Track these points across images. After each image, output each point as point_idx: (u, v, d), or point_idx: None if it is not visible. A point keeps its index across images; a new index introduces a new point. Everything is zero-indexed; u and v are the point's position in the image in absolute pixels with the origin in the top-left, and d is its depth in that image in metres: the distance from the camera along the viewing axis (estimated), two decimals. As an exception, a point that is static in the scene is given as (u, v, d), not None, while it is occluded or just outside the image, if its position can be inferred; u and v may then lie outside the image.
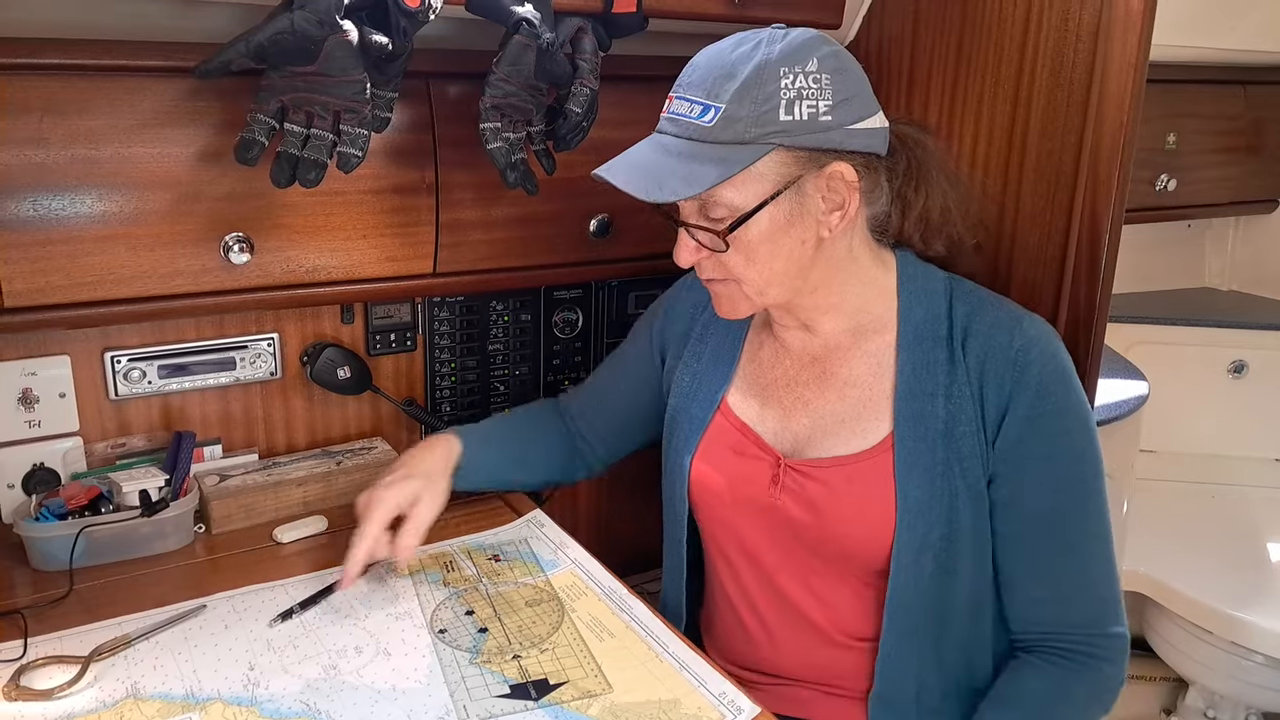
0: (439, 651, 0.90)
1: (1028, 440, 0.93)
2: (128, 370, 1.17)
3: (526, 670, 0.87)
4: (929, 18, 1.23)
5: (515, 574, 1.04)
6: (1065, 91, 1.06)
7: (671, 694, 0.84)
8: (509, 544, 1.11)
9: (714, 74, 0.89)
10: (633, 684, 0.85)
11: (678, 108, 0.91)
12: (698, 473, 1.06)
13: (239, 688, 0.83)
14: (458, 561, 1.07)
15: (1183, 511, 2.05)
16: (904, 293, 1.00)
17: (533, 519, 1.17)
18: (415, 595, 0.99)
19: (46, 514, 1.04)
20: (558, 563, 1.06)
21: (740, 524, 1.04)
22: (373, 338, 1.32)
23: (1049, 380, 0.92)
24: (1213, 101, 2.06)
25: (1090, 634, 0.96)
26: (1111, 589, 0.97)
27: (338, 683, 0.85)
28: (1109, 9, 1.01)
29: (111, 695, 0.82)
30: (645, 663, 0.88)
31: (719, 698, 0.83)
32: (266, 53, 0.94)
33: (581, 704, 0.82)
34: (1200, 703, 1.88)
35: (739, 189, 0.89)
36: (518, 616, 0.96)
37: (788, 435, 1.02)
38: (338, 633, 0.92)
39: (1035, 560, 0.96)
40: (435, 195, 1.20)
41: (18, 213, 0.98)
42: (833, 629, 1.01)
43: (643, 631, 0.93)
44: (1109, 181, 1.03)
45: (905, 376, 0.97)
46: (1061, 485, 0.94)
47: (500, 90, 1.08)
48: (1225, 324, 2.13)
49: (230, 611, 0.95)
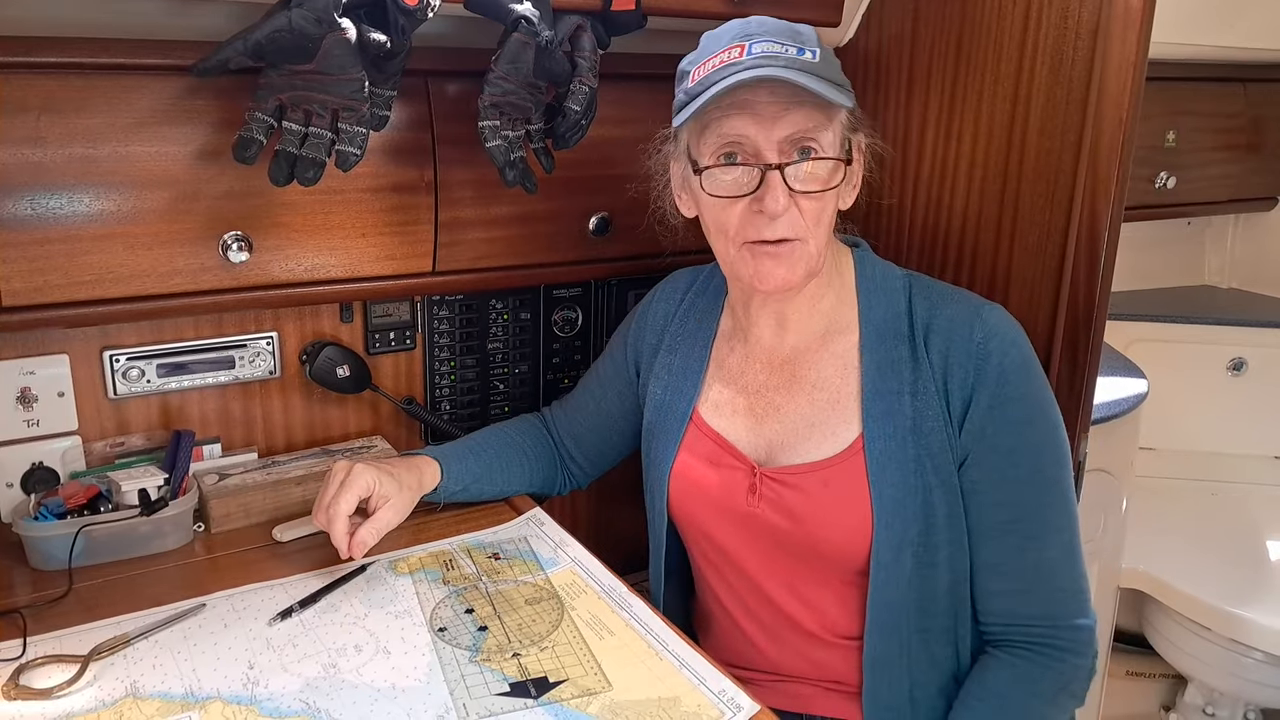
0: (439, 650, 0.90)
1: (990, 431, 0.93)
2: (126, 369, 1.17)
3: (526, 668, 0.87)
4: (928, 16, 1.23)
5: (515, 572, 1.04)
6: (1065, 89, 1.06)
7: (671, 691, 0.84)
8: (509, 542, 1.11)
9: (783, 29, 0.90)
10: (632, 682, 0.85)
11: (767, 48, 0.88)
12: (676, 486, 1.07)
13: (238, 686, 0.83)
14: (457, 560, 1.07)
15: (1182, 509, 2.05)
16: (863, 292, 1.01)
17: (532, 517, 1.17)
18: (415, 594, 0.99)
19: (45, 513, 1.04)
20: (557, 561, 1.06)
21: (721, 533, 1.05)
22: (372, 336, 1.32)
23: (1009, 369, 0.93)
24: (1212, 99, 2.06)
25: (1054, 626, 0.95)
26: (1074, 581, 0.96)
27: (337, 681, 0.85)
28: (1108, 7, 1.01)
29: (111, 694, 0.82)
30: (645, 660, 0.88)
31: (719, 695, 0.83)
32: (264, 51, 0.94)
33: (581, 702, 0.82)
34: (1199, 699, 1.88)
35: (833, 134, 0.92)
36: (517, 615, 0.96)
37: (761, 442, 1.02)
38: (337, 631, 0.92)
39: (996, 552, 0.96)
40: (434, 193, 1.20)
41: (15, 212, 0.98)
42: (821, 630, 1.02)
43: (642, 629, 0.93)
44: (1108, 179, 1.03)
45: (870, 376, 0.97)
46: (1022, 477, 0.94)
47: (499, 88, 1.07)
48: (1225, 321, 2.13)
49: (230, 610, 0.95)
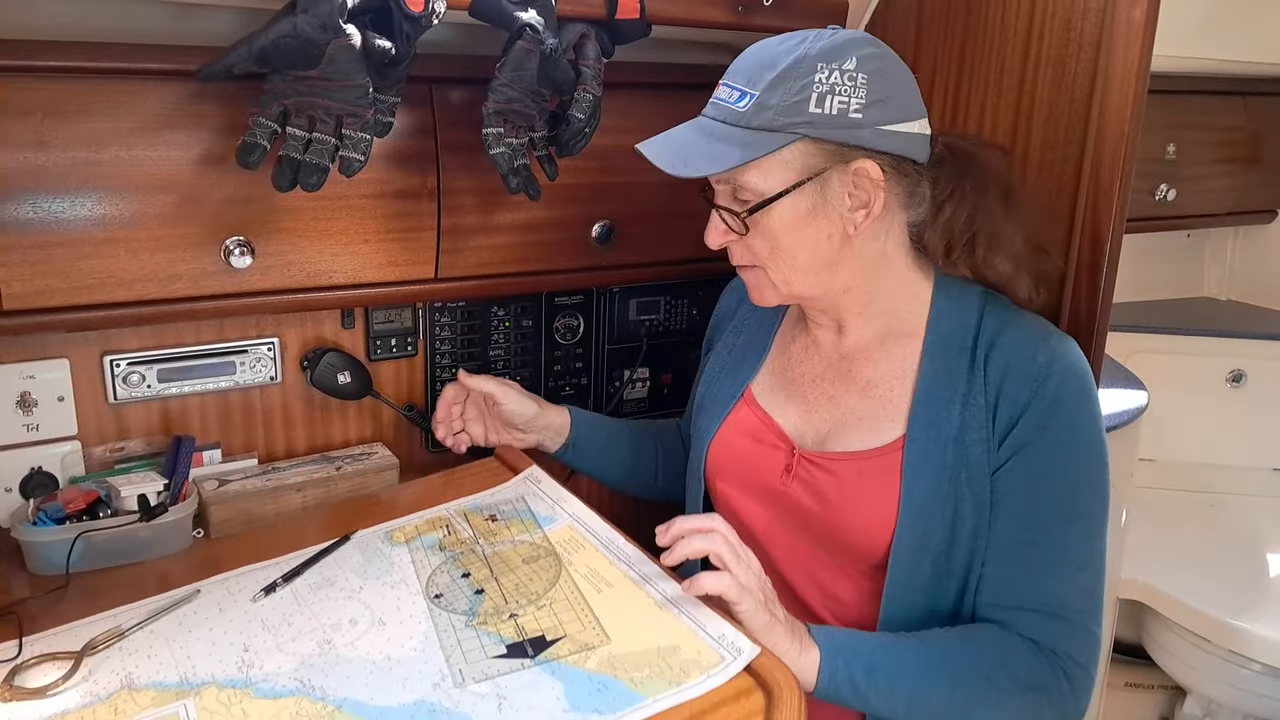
0: (434, 617, 0.88)
1: (1030, 449, 0.93)
2: (127, 374, 1.16)
3: (523, 628, 0.85)
4: (932, 27, 1.23)
5: (512, 532, 1.02)
6: (1067, 101, 1.07)
7: (671, 640, 0.82)
8: (505, 503, 1.09)
9: (758, 64, 0.93)
10: (631, 633, 0.83)
11: (721, 93, 0.95)
12: (714, 456, 1.09)
13: (233, 670, 0.82)
14: (454, 524, 1.05)
15: (1181, 520, 2.05)
16: (937, 302, 1.01)
17: (529, 475, 1.15)
18: (411, 562, 0.98)
19: (44, 518, 1.04)
20: (555, 518, 1.04)
21: (751, 509, 1.06)
22: (373, 343, 1.32)
23: (1065, 397, 0.92)
24: (1213, 112, 2.07)
25: (1053, 652, 0.93)
26: (1084, 619, 0.93)
27: (332, 657, 0.83)
28: (1111, 19, 1.01)
29: (105, 688, 0.81)
30: (644, 610, 0.87)
31: (718, 640, 0.82)
32: (269, 56, 0.94)
33: (579, 658, 0.81)
34: (1198, 710, 1.88)
35: (765, 174, 0.92)
36: (514, 575, 0.94)
37: (808, 429, 1.04)
38: (332, 607, 0.91)
39: (1007, 570, 0.94)
40: (437, 200, 1.19)
41: (17, 215, 0.98)
42: (834, 620, 1.02)
43: (641, 580, 0.91)
44: (1110, 191, 1.03)
45: (925, 382, 0.98)
46: (1050, 502, 0.93)
47: (503, 96, 1.08)
48: (1224, 334, 2.13)
49: (225, 594, 0.94)
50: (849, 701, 0.89)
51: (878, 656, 0.90)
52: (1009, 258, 1.01)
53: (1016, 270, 1.01)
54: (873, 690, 0.89)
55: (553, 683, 0.78)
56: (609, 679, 0.78)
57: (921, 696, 0.90)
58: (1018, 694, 0.92)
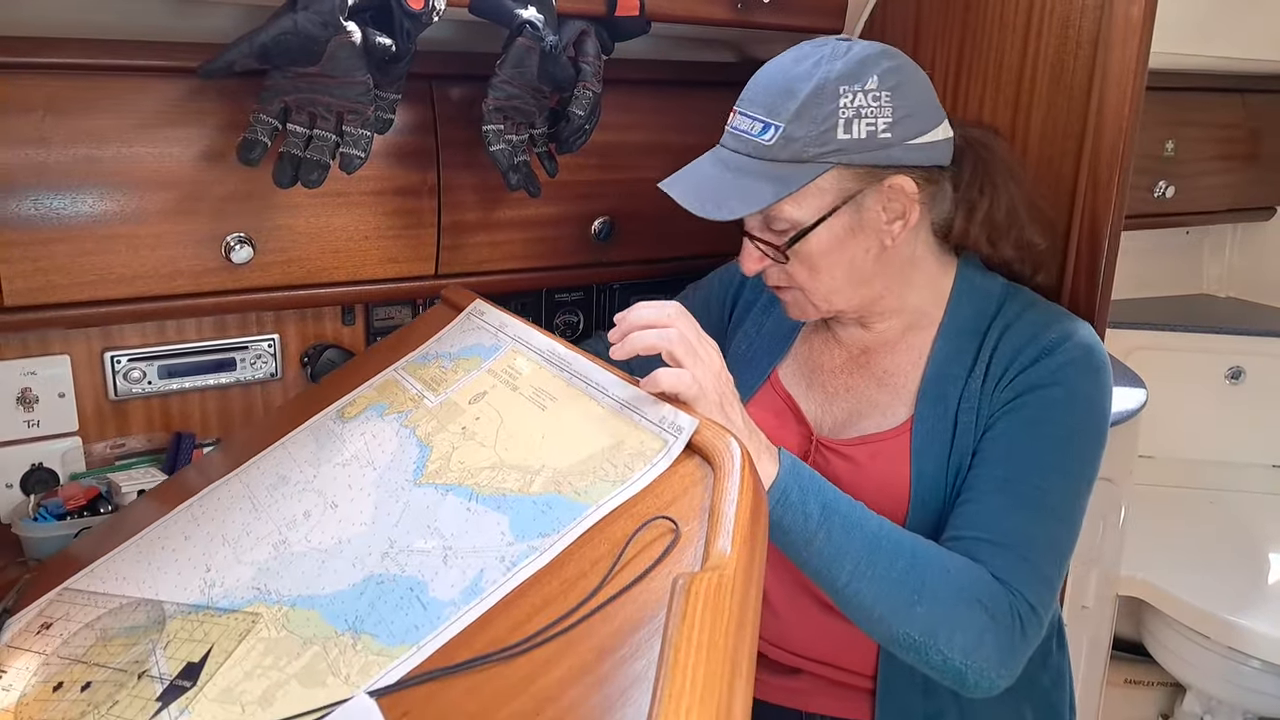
0: (382, 486, 0.83)
1: (1022, 399, 0.91)
2: (128, 370, 1.17)
3: (470, 470, 0.80)
4: (930, 23, 1.24)
5: (458, 375, 0.95)
6: (1065, 98, 1.07)
7: (614, 438, 0.77)
8: (449, 347, 1.02)
9: (775, 91, 0.91)
10: (576, 444, 0.78)
11: (740, 123, 0.93)
12: None
13: (196, 594, 0.80)
14: (402, 384, 0.98)
15: (1180, 517, 2.05)
16: (957, 292, 1.01)
17: (472, 310, 1.06)
18: (361, 435, 0.92)
19: (45, 514, 1.04)
20: (499, 346, 0.97)
21: None
22: (374, 339, 1.32)
23: (1070, 366, 0.91)
24: (1211, 109, 2.07)
25: (1008, 585, 0.88)
26: (1048, 564, 0.89)
27: (287, 557, 0.80)
28: (1109, 16, 1.01)
29: (78, 649, 0.79)
30: (587, 414, 0.82)
31: (659, 423, 0.76)
32: (270, 53, 0.94)
33: (522, 484, 0.76)
34: (1197, 707, 1.88)
35: (799, 204, 0.91)
36: (459, 420, 0.88)
37: (826, 417, 1.04)
38: (286, 504, 0.87)
39: (980, 505, 0.90)
40: (437, 197, 1.20)
41: (19, 211, 0.98)
42: None
43: (583, 383, 0.85)
44: (1109, 187, 1.04)
45: (936, 364, 0.98)
46: (1033, 448, 0.90)
47: (503, 93, 1.08)
48: (1223, 330, 2.13)
49: (190, 520, 0.91)
50: (794, 537, 0.83)
51: (842, 504, 0.85)
52: (1038, 232, 1.03)
53: (1035, 245, 1.03)
54: (823, 532, 0.82)
55: (498, 518, 0.74)
56: (554, 497, 0.74)
57: (870, 565, 0.83)
58: (966, 605, 0.85)
